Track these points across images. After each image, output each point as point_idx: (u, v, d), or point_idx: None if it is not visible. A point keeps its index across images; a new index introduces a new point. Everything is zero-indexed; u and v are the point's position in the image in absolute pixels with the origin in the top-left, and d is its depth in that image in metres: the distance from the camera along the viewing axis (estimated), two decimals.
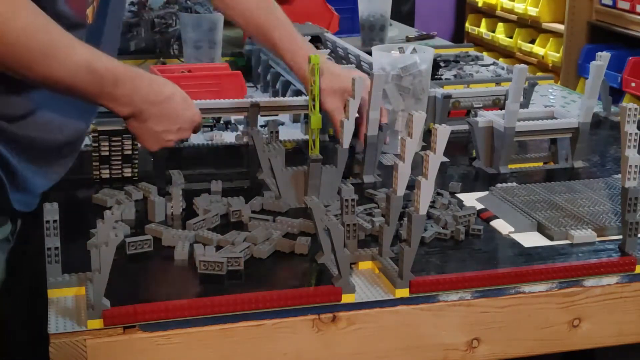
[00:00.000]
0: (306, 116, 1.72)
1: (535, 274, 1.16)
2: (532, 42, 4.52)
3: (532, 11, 4.43)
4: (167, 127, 1.35)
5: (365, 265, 1.19)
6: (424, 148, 1.58)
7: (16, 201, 1.31)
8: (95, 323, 1.02)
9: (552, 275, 1.16)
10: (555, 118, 1.60)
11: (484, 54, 2.55)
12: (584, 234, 1.27)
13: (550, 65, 4.32)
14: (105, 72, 1.24)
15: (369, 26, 2.54)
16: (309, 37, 2.17)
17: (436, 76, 2.07)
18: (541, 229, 1.30)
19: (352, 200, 1.16)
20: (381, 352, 1.11)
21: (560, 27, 4.23)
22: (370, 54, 1.73)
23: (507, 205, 1.36)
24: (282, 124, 1.79)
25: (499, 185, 1.44)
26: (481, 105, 1.74)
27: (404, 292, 1.11)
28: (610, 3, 3.93)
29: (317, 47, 2.17)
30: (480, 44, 4.84)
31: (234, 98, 1.68)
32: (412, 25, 3.72)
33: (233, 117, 1.80)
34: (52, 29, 1.18)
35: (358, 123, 1.45)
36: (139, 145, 1.43)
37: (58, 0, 1.23)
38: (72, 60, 1.20)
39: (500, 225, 1.31)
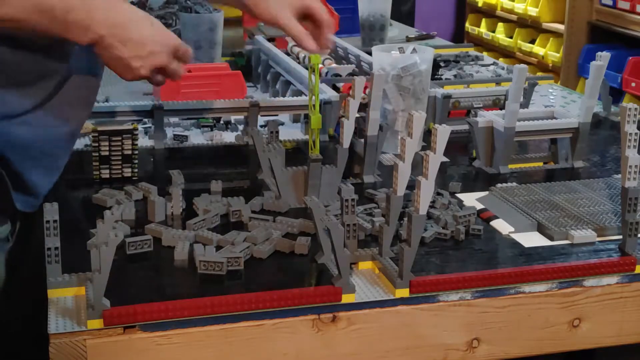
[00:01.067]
0: (306, 116, 1.72)
1: (535, 274, 1.16)
2: (532, 42, 4.52)
3: (532, 11, 4.43)
4: (134, 52, 1.24)
5: (365, 265, 1.19)
6: (424, 148, 1.58)
7: (19, 201, 1.31)
8: (95, 323, 1.02)
9: (552, 275, 1.16)
10: (555, 118, 1.60)
11: (484, 54, 2.55)
12: (584, 234, 1.27)
13: (550, 65, 4.32)
14: (56, 1, 1.17)
15: (369, 26, 2.54)
16: None
17: (436, 76, 2.07)
18: (541, 229, 1.29)
19: (352, 200, 1.16)
20: (381, 352, 1.11)
21: (560, 27, 4.24)
22: (370, 54, 1.73)
23: (507, 205, 1.36)
24: (282, 124, 1.79)
25: (499, 185, 1.44)
26: (481, 105, 1.74)
27: (404, 292, 1.11)
28: (610, 3, 3.93)
29: None
30: (480, 44, 4.84)
31: (234, 98, 1.68)
32: (412, 25, 3.73)
33: (233, 117, 1.80)
34: None
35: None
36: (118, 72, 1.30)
37: None
38: None
39: (500, 225, 1.31)
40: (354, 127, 1.37)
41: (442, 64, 2.20)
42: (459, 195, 1.42)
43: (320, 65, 1.85)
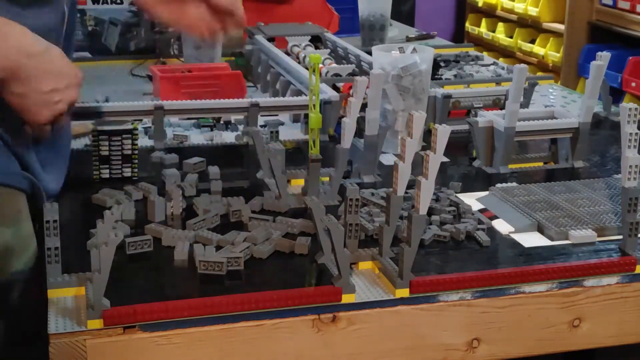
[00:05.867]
0: (306, 116, 1.72)
1: (535, 274, 1.16)
2: (532, 42, 4.52)
3: (532, 11, 4.43)
4: (54, 85, 1.16)
5: (365, 265, 1.19)
6: (424, 148, 1.58)
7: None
8: (95, 323, 1.02)
9: (552, 275, 1.16)
10: (556, 118, 1.60)
11: (484, 54, 2.55)
12: (583, 234, 1.27)
13: (550, 65, 4.32)
14: None
15: (369, 26, 2.54)
16: (309, 37, 2.17)
17: (436, 76, 2.07)
18: (541, 229, 1.29)
19: (357, 200, 1.16)
20: (381, 352, 1.11)
21: (560, 27, 4.23)
22: (370, 54, 1.73)
23: (507, 205, 1.36)
24: (282, 124, 1.79)
25: (499, 185, 1.44)
26: (481, 105, 1.74)
27: (404, 292, 1.11)
28: (610, 3, 3.93)
29: (317, 47, 2.17)
30: (480, 44, 4.83)
31: (234, 98, 1.68)
32: (412, 25, 3.72)
33: (233, 117, 1.80)
34: None
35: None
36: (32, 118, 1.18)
37: None
38: None
39: (500, 225, 1.31)
40: (355, 127, 1.37)
41: (442, 64, 2.20)
42: (459, 195, 1.42)
43: (320, 65, 1.85)
